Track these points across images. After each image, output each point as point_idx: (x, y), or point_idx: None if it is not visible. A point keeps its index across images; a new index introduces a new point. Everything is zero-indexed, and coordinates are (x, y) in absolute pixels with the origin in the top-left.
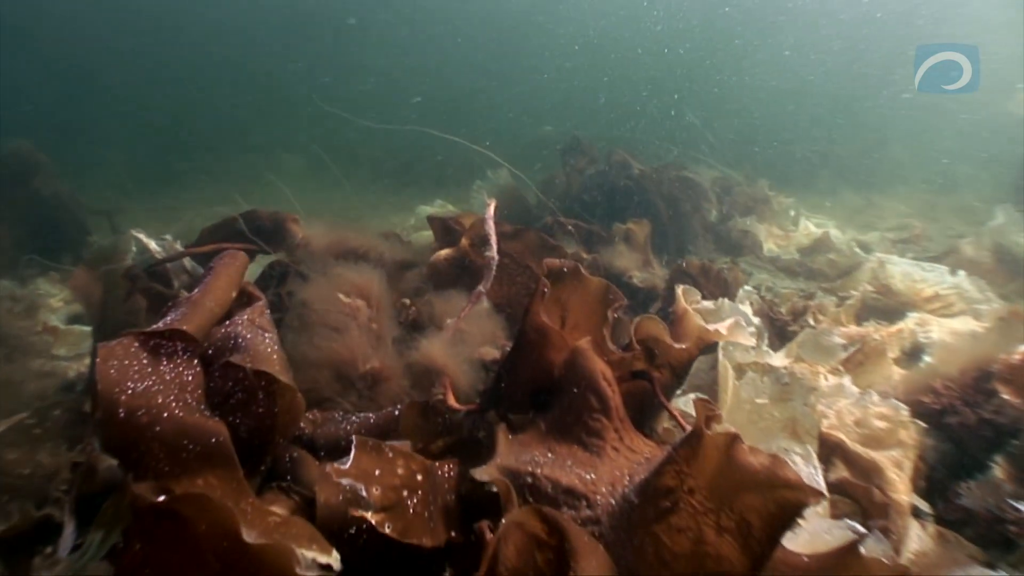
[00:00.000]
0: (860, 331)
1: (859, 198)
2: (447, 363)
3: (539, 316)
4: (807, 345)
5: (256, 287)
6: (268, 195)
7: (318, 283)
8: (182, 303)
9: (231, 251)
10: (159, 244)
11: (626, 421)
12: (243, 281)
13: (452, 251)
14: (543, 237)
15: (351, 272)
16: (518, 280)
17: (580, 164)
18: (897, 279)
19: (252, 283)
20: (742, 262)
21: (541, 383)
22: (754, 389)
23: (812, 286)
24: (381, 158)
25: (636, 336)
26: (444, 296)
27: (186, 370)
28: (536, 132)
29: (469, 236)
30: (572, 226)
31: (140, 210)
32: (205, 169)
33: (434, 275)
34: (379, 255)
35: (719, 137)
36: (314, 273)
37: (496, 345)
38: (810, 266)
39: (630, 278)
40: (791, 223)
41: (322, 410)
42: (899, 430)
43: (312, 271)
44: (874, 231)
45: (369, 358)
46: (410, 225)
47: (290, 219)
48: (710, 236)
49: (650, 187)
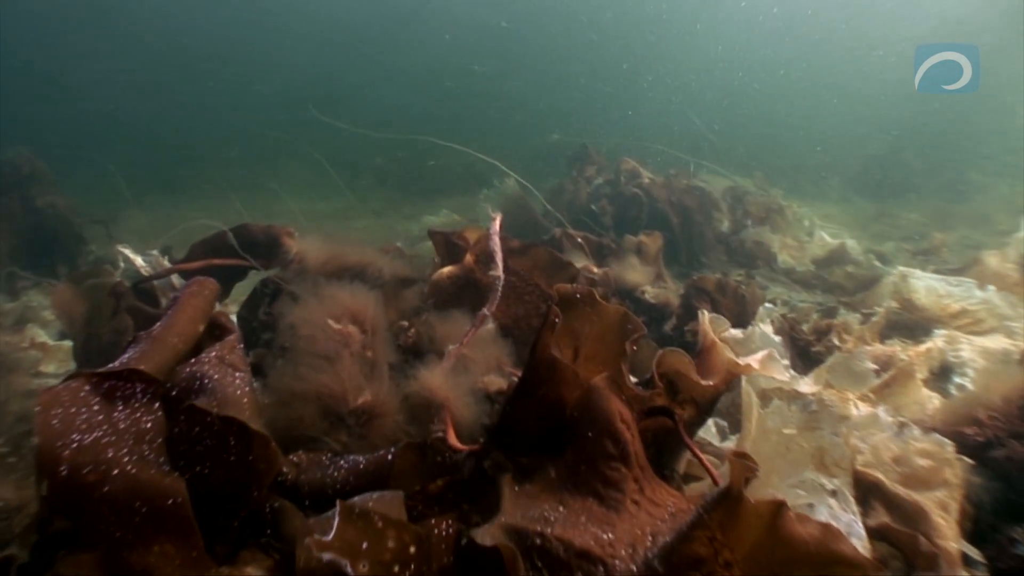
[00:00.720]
0: (887, 350)
1: (871, 206)
2: (448, 396)
3: (549, 349)
4: (837, 370)
5: (228, 318)
6: (271, 203)
7: (307, 306)
8: (142, 339)
9: (198, 279)
10: (146, 259)
11: (647, 468)
12: (214, 311)
13: (455, 268)
14: (553, 254)
15: (343, 294)
16: (526, 299)
17: (588, 172)
18: (921, 294)
19: (225, 312)
20: (756, 275)
21: (552, 422)
22: (781, 418)
23: (830, 300)
24: (387, 165)
25: (658, 370)
26: (446, 317)
27: (144, 416)
28: (542, 139)
29: (474, 252)
30: (581, 238)
31: (142, 219)
32: (208, 177)
33: (436, 294)
34: (378, 271)
35: (727, 143)
36: (304, 293)
37: (502, 373)
38: (827, 279)
39: (642, 293)
40: (805, 233)
41: (308, 451)
42: (944, 468)
43: (302, 291)
44: (889, 241)
45: (361, 391)
46: (415, 235)
47: (284, 233)
48: (721, 247)
49: (660, 196)
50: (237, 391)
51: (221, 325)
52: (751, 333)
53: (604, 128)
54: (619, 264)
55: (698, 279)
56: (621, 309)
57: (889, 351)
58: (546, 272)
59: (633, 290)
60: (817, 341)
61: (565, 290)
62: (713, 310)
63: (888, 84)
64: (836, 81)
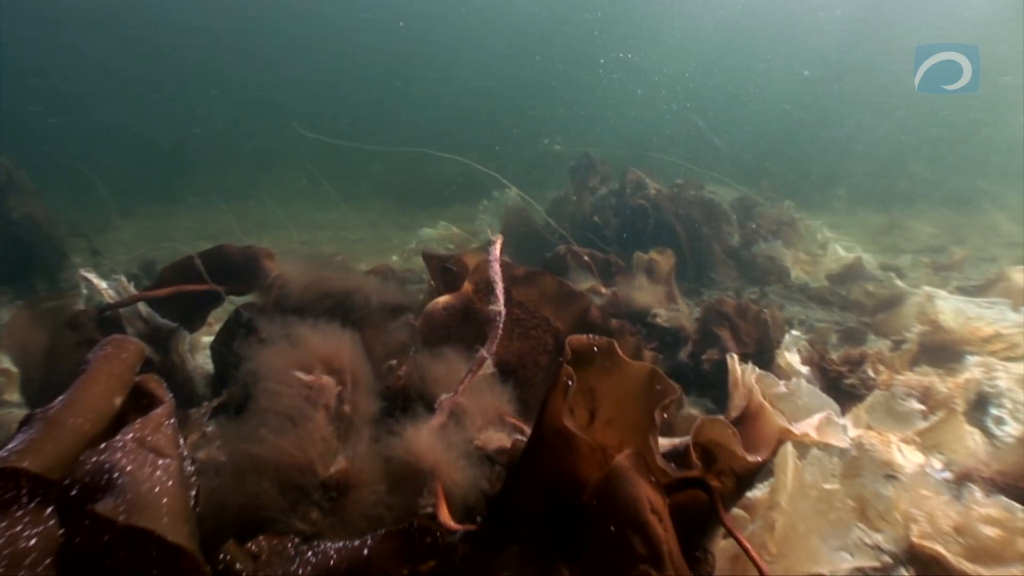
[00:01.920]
0: (923, 381)
1: (880, 217)
2: (438, 460)
3: (559, 416)
4: (879, 411)
5: (159, 383)
6: (266, 212)
7: (273, 351)
8: (35, 420)
9: (115, 339)
10: (110, 285)
11: (682, 567)
12: (138, 377)
13: (452, 298)
14: (562, 283)
15: (316, 337)
16: (532, 334)
17: (592, 183)
18: (948, 316)
19: (154, 377)
20: (770, 292)
21: (565, 501)
22: (820, 471)
23: (849, 318)
24: (385, 173)
25: (695, 439)
26: (439, 356)
27: (28, 530)
28: (542, 147)
29: (473, 280)
30: (587, 256)
31: (131, 230)
32: (204, 188)
33: (429, 327)
34: (364, 299)
35: (733, 151)
36: (272, 333)
37: (503, 425)
38: (845, 296)
39: (654, 317)
40: (818, 247)
41: (269, 536)
42: (1017, 539)
43: (269, 330)
44: (904, 254)
45: (333, 458)
46: (411, 248)
47: (264, 255)
48: (731, 262)
49: (667, 208)
50: (156, 487)
51: (149, 393)
52: (796, 388)
53: (606, 136)
54: (628, 284)
55: (716, 302)
56: (648, 367)
57: (926, 382)
58: (554, 303)
59: (643, 312)
60: (850, 372)
61: (580, 343)
62: (732, 336)
63: (893, 91)
64: (843, 88)
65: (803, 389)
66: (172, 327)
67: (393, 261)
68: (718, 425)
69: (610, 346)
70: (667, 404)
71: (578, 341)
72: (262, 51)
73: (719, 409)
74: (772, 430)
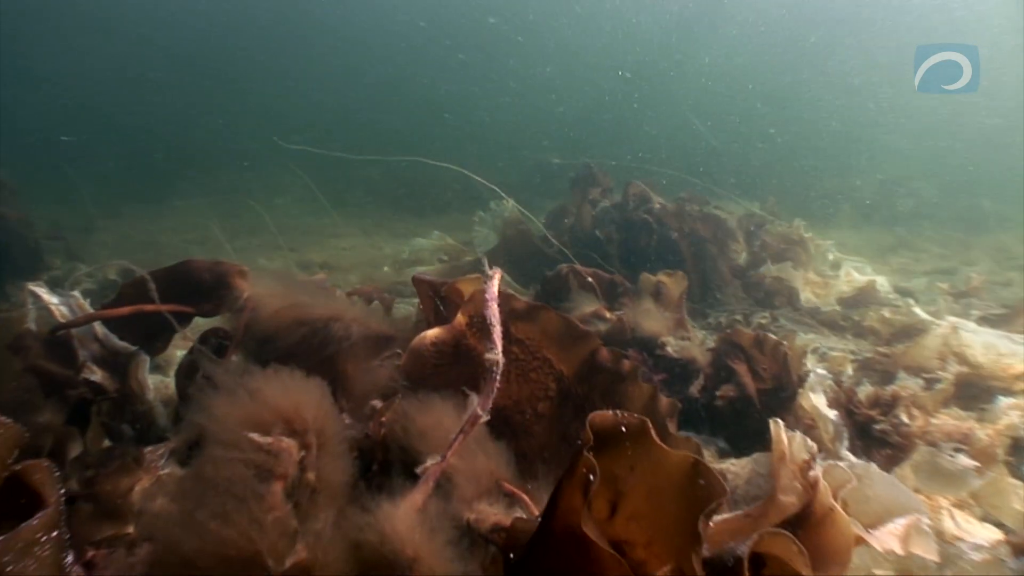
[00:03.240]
0: (960, 427)
1: (886, 235)
2: (420, 550)
3: (576, 516)
4: (924, 470)
5: (47, 472)
6: (255, 218)
7: (226, 403)
8: None
9: None
10: (62, 301)
11: None
12: (17, 466)
13: (442, 332)
14: (568, 321)
15: (276, 388)
16: (532, 377)
17: (593, 195)
18: (976, 350)
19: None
20: (780, 316)
21: None
22: (870, 554)
23: (864, 347)
24: (380, 179)
25: (752, 548)
26: (426, 404)
27: None
28: (539, 157)
29: (467, 312)
30: (591, 276)
31: (118, 231)
32: (195, 189)
33: (415, 366)
34: (345, 328)
35: (735, 163)
36: (224, 381)
37: (500, 494)
38: (858, 321)
39: (663, 346)
40: (829, 268)
41: None
42: None
43: (222, 378)
44: (916, 277)
45: (290, 545)
46: (403, 258)
47: (235, 272)
48: (738, 282)
49: (671, 224)
50: None
51: (34, 490)
52: (867, 472)
53: (606, 148)
54: (634, 308)
55: (732, 333)
56: (690, 459)
57: (964, 428)
58: (558, 343)
59: (651, 341)
60: (881, 416)
61: (604, 423)
62: (749, 370)
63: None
64: (845, 103)
65: (875, 477)
66: (131, 350)
67: (384, 272)
68: (782, 541)
69: (642, 428)
70: (714, 508)
71: (602, 420)
72: (265, 51)
73: (733, 450)
74: (845, 541)
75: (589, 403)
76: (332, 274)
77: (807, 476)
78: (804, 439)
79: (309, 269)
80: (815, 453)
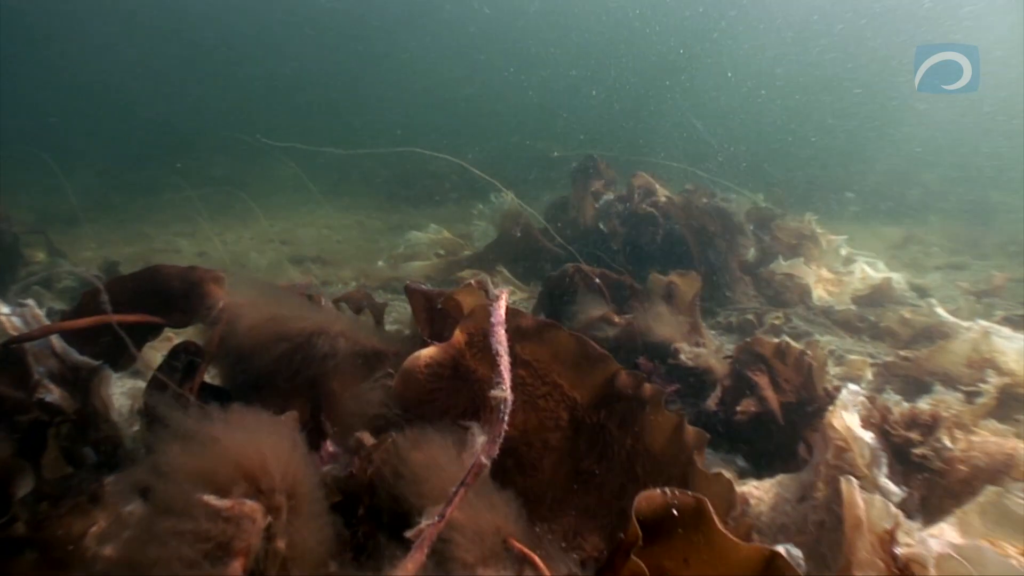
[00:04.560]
0: (1002, 446)
1: (894, 229)
2: None
3: None
4: (991, 513)
5: None
6: (245, 213)
7: (181, 455)
8: None
9: None
10: (15, 311)
11: None
12: None
13: (438, 352)
14: (583, 342)
15: (239, 438)
16: (540, 405)
17: (595, 187)
18: (1010, 358)
19: None
20: (793, 315)
21: None
22: None
23: (881, 349)
24: (376, 169)
25: None
26: (420, 437)
27: None
28: (537, 147)
29: (466, 329)
30: (599, 277)
31: (106, 222)
32: (189, 179)
33: (408, 390)
34: (330, 343)
35: (736, 155)
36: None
37: (507, 557)
38: (875, 322)
39: (676, 354)
40: (841, 264)
41: None
42: None
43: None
44: (929, 271)
45: None
46: (399, 253)
47: (209, 279)
48: (748, 279)
49: (678, 217)
50: None
51: None
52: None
53: (607, 138)
54: (644, 311)
55: (752, 341)
56: (764, 553)
57: (1008, 447)
58: (571, 367)
59: (664, 347)
60: (921, 439)
61: (652, 506)
62: (771, 382)
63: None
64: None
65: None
66: (93, 366)
67: (379, 267)
68: None
69: (699, 511)
70: None
71: (649, 503)
72: (263, 38)
73: (752, 468)
74: None
75: (605, 433)
76: (325, 268)
77: (890, 551)
78: (885, 504)
79: (302, 264)
80: (900, 523)
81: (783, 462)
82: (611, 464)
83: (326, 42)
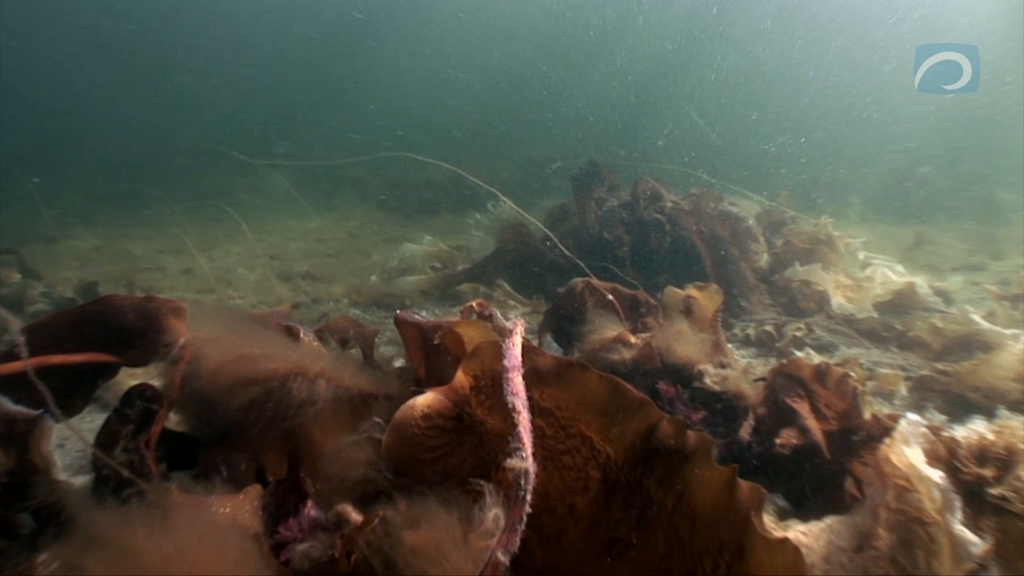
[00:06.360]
0: None
1: (903, 230)
2: None
3: None
4: None
5: None
6: (232, 227)
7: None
8: None
9: None
10: None
11: None
12: None
13: (437, 400)
14: (617, 386)
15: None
16: (565, 462)
17: (598, 193)
18: None
19: None
20: (813, 325)
21: None
22: None
23: (914, 361)
24: (368, 179)
25: None
26: (419, 512)
27: None
28: (539, 151)
29: (471, 369)
30: (611, 292)
31: (89, 239)
32: (173, 196)
33: (401, 448)
34: (309, 388)
35: (734, 156)
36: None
37: None
38: (902, 331)
39: (700, 376)
40: (859, 268)
41: None
42: None
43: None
44: (948, 274)
45: None
46: (392, 267)
47: (168, 310)
48: (764, 287)
49: (686, 223)
50: None
51: None
52: None
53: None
54: (663, 330)
55: (788, 364)
56: None
57: None
58: (601, 416)
59: (684, 368)
60: (996, 479)
61: None
62: (812, 409)
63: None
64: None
65: None
66: (31, 416)
67: (372, 282)
68: None
69: None
70: None
71: None
72: (255, 48)
73: (794, 509)
74: None
75: (642, 494)
76: (316, 285)
77: None
78: None
79: (291, 280)
80: None
81: (826, 499)
82: (651, 531)
83: (326, 44)
